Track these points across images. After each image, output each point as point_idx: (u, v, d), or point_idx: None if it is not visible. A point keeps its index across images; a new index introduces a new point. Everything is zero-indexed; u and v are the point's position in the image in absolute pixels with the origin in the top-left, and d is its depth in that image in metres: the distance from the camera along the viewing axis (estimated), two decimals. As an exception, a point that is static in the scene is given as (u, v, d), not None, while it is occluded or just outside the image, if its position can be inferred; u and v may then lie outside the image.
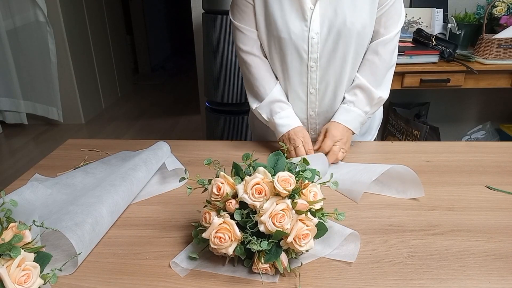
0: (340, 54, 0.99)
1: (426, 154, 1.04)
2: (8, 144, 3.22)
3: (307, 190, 0.64)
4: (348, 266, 0.65)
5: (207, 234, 0.62)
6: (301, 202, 0.61)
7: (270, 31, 0.99)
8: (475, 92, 2.48)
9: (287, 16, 0.96)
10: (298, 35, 0.97)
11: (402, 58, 1.90)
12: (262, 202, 0.61)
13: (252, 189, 0.61)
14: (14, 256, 0.52)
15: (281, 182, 0.60)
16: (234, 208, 0.62)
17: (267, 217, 0.60)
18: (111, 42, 4.09)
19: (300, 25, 0.96)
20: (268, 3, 0.97)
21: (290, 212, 0.61)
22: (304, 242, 0.60)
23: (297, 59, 1.00)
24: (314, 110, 1.07)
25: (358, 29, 0.95)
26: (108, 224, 0.75)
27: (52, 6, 3.16)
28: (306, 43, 0.97)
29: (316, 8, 0.95)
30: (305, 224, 0.60)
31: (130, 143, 1.14)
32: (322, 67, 1.01)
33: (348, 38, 0.96)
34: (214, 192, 0.64)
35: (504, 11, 2.04)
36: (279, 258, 0.61)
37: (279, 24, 0.97)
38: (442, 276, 0.62)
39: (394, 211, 0.80)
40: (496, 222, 0.76)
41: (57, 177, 0.92)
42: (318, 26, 0.96)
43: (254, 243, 0.60)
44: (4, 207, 0.55)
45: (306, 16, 0.95)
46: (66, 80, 3.40)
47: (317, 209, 0.64)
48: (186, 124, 3.56)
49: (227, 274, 0.63)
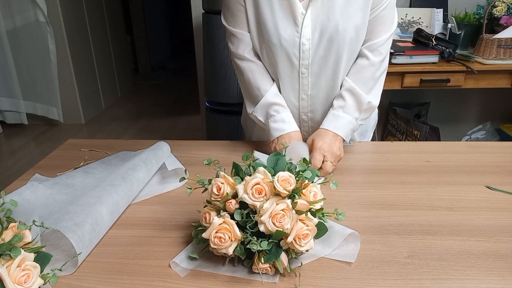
0: (332, 60, 0.96)
1: (426, 154, 1.04)
2: (8, 144, 3.22)
3: (307, 190, 0.63)
4: (348, 266, 0.65)
5: (207, 234, 0.62)
6: (301, 202, 0.61)
7: (261, 36, 0.97)
8: (475, 92, 2.48)
9: (278, 21, 0.94)
10: (288, 41, 0.94)
11: (402, 58, 1.90)
12: (262, 202, 0.61)
13: (252, 189, 0.61)
14: (14, 256, 0.52)
15: (281, 182, 0.60)
16: (234, 208, 0.62)
17: (267, 217, 0.60)
18: (111, 42, 4.09)
19: (291, 30, 0.94)
20: (259, 7, 0.95)
21: (290, 212, 0.61)
22: (304, 242, 0.60)
23: (288, 65, 0.98)
24: (306, 115, 1.06)
25: (351, 35, 0.93)
26: (108, 224, 0.75)
27: (52, 6, 3.16)
28: (297, 49, 0.95)
29: (307, 13, 0.92)
30: (305, 224, 0.60)
31: (130, 143, 1.14)
32: (314, 73, 0.99)
33: (341, 44, 0.94)
34: (214, 192, 0.64)
35: (504, 11, 2.04)
36: (279, 258, 0.61)
37: (269, 29, 0.94)
38: (442, 276, 0.62)
39: (394, 211, 0.80)
40: (496, 222, 0.76)
41: (57, 177, 0.92)
42: (309, 32, 0.93)
43: (254, 243, 0.60)
44: (4, 207, 0.55)
45: (297, 21, 0.93)
46: (66, 80, 3.40)
47: (317, 209, 0.64)
48: (186, 124, 3.56)
49: (227, 274, 0.63)
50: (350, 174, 0.96)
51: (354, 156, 1.05)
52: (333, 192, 0.87)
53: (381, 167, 0.98)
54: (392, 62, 1.91)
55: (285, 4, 0.92)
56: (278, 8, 0.93)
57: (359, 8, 0.91)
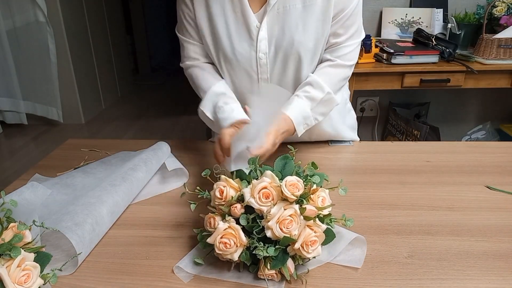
0: (291, 73, 0.93)
1: (426, 154, 1.04)
2: (8, 144, 3.22)
3: (315, 195, 0.62)
4: (349, 267, 0.65)
5: (211, 239, 0.61)
6: (310, 208, 0.60)
7: (217, 49, 0.92)
8: (475, 92, 2.48)
9: (233, 35, 0.89)
10: (245, 56, 0.90)
11: (402, 58, 1.90)
12: (270, 207, 0.59)
13: (259, 193, 0.59)
14: (14, 256, 0.52)
15: (289, 187, 0.59)
16: (240, 213, 0.61)
17: (275, 222, 0.58)
18: (111, 42, 4.09)
19: (247, 45, 0.89)
20: (212, 19, 0.89)
21: (298, 218, 0.59)
22: (312, 248, 0.59)
23: (246, 78, 0.94)
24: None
25: (308, 47, 0.88)
26: (108, 224, 0.75)
27: (52, 6, 3.16)
28: (255, 63, 0.91)
29: (262, 26, 0.86)
30: (313, 231, 0.59)
31: (130, 143, 1.14)
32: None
33: (297, 58, 0.89)
34: (217, 196, 0.63)
35: (504, 11, 2.04)
36: (285, 264, 0.59)
37: (224, 43, 0.90)
38: (442, 276, 0.62)
39: (394, 211, 0.80)
40: (496, 222, 0.76)
41: (57, 177, 0.92)
42: (266, 46, 0.89)
43: (260, 249, 0.58)
44: (4, 207, 0.55)
45: (252, 35, 0.88)
46: (66, 80, 3.39)
47: (325, 214, 0.63)
48: (186, 124, 3.56)
49: (232, 280, 0.62)
50: (350, 174, 0.96)
51: (354, 156, 1.05)
52: (333, 192, 0.87)
53: (381, 167, 0.98)
54: (392, 62, 1.91)
55: (238, 16, 0.87)
56: (232, 21, 0.88)
57: (318, 19, 0.86)
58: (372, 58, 1.99)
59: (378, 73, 1.95)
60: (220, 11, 0.88)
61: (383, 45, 2.01)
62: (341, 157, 1.05)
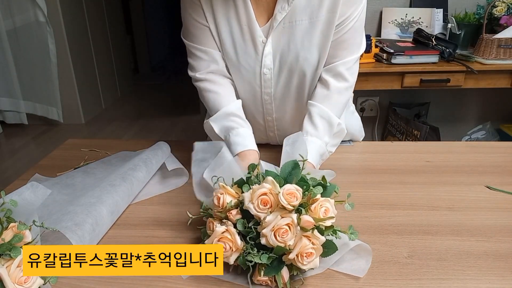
0: (294, 88, 0.92)
1: (426, 154, 1.04)
2: (8, 144, 3.22)
3: (317, 205, 0.59)
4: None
5: (209, 242, 0.61)
6: (307, 218, 0.57)
7: (224, 56, 0.90)
8: (475, 92, 2.48)
9: (238, 49, 0.88)
10: (249, 71, 0.90)
11: (402, 58, 1.90)
12: (266, 214, 0.58)
13: (258, 199, 0.59)
14: (14, 256, 0.52)
15: (286, 196, 0.57)
16: (235, 219, 0.61)
17: (269, 230, 0.57)
18: (111, 42, 4.09)
19: (252, 60, 0.88)
20: (220, 30, 0.87)
21: (294, 228, 0.57)
22: (308, 260, 0.56)
23: (250, 92, 0.94)
24: (273, 132, 1.04)
25: (312, 63, 0.87)
26: (108, 224, 0.75)
27: (52, 6, 3.16)
28: (259, 78, 0.91)
29: (268, 41, 0.86)
30: (310, 242, 0.57)
31: (130, 143, 1.14)
32: (277, 99, 0.95)
33: (301, 74, 0.89)
34: (215, 204, 0.63)
35: (504, 11, 2.04)
36: (279, 272, 0.58)
37: (229, 55, 0.89)
38: (442, 276, 0.62)
39: (394, 211, 0.80)
40: (496, 222, 0.76)
41: (57, 177, 0.92)
42: (270, 61, 0.88)
43: (252, 255, 0.57)
44: (4, 207, 0.55)
45: (258, 50, 0.87)
46: (66, 80, 3.40)
47: (327, 226, 0.60)
48: (186, 124, 3.56)
49: (228, 280, 0.62)
50: (350, 174, 0.96)
51: (354, 156, 1.05)
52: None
53: (381, 167, 0.98)
54: (392, 62, 1.91)
55: (245, 29, 0.86)
56: (238, 34, 0.86)
57: (322, 34, 0.84)
58: (372, 58, 1.99)
59: (378, 73, 1.95)
60: (225, 21, 0.86)
61: (383, 45, 2.01)
62: (341, 157, 1.05)
